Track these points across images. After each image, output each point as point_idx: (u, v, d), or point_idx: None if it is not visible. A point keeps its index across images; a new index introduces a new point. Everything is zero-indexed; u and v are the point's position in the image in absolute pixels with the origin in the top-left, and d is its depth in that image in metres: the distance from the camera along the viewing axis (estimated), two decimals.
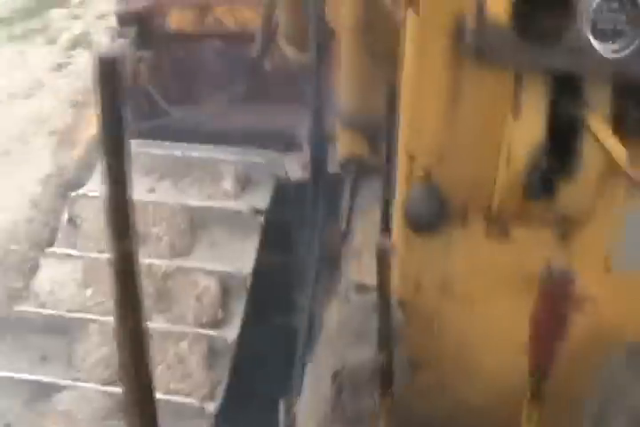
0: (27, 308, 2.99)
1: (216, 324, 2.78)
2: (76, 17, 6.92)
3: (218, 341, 2.73)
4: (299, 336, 2.63)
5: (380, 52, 2.09)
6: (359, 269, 2.28)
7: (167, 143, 3.58)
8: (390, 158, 2.10)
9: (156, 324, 2.71)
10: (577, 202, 1.38)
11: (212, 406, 2.61)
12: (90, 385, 2.74)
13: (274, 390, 2.52)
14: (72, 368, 2.82)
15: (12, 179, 5.38)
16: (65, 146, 5.57)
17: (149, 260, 2.91)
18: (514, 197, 1.38)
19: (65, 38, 6.65)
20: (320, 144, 2.82)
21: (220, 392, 2.63)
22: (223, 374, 2.66)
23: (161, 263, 2.90)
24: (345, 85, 2.26)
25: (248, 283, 2.84)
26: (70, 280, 3.11)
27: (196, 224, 3.07)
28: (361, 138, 2.27)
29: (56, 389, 2.76)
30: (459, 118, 1.40)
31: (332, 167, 2.76)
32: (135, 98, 4.43)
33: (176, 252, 3.01)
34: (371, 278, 2.20)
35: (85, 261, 3.08)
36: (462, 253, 1.49)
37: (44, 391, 2.77)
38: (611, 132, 1.23)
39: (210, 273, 2.89)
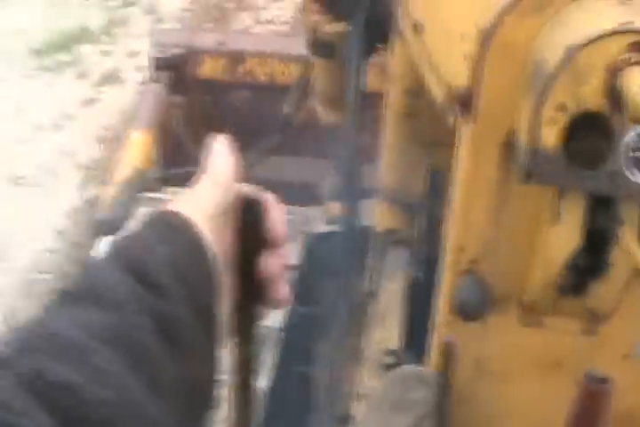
0: None
1: None
2: (105, 53, 7.13)
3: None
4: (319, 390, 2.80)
5: (423, 138, 2.29)
6: (383, 333, 2.47)
7: None
8: (427, 239, 2.29)
9: None
10: (604, 300, 1.57)
11: None
12: None
13: None
14: None
15: (40, 210, 5.57)
16: (92, 182, 5.77)
17: None
18: (547, 292, 1.57)
19: (95, 73, 6.86)
20: (352, 201, 2.93)
21: None
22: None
23: None
24: (386, 162, 2.44)
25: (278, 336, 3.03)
26: None
27: None
28: (398, 212, 2.46)
29: None
30: (504, 219, 1.59)
31: (362, 221, 2.92)
32: (166, 143, 4.60)
33: None
34: (393, 341, 2.40)
35: None
36: (497, 337, 1.68)
37: None
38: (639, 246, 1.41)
39: None
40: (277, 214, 1.03)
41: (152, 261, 0.88)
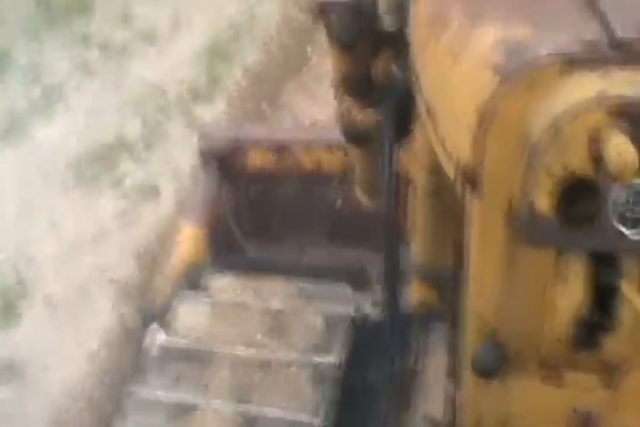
0: None
1: None
2: (141, 161, 7.10)
3: None
4: None
5: (447, 214, 2.39)
6: (427, 403, 2.54)
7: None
8: (456, 309, 2.38)
9: None
10: (617, 353, 1.65)
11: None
12: None
13: None
14: None
15: (71, 333, 5.52)
16: (126, 298, 5.71)
17: None
18: (561, 348, 1.65)
19: (130, 184, 6.84)
20: (393, 285, 3.01)
21: None
22: None
23: None
24: (417, 240, 2.55)
25: None
26: None
27: None
28: (431, 288, 2.56)
29: None
30: (514, 282, 1.69)
31: (405, 307, 3.00)
32: (216, 232, 4.69)
33: None
34: (438, 412, 2.47)
35: None
36: (520, 394, 1.76)
37: None
38: None
39: None
40: None
41: None
